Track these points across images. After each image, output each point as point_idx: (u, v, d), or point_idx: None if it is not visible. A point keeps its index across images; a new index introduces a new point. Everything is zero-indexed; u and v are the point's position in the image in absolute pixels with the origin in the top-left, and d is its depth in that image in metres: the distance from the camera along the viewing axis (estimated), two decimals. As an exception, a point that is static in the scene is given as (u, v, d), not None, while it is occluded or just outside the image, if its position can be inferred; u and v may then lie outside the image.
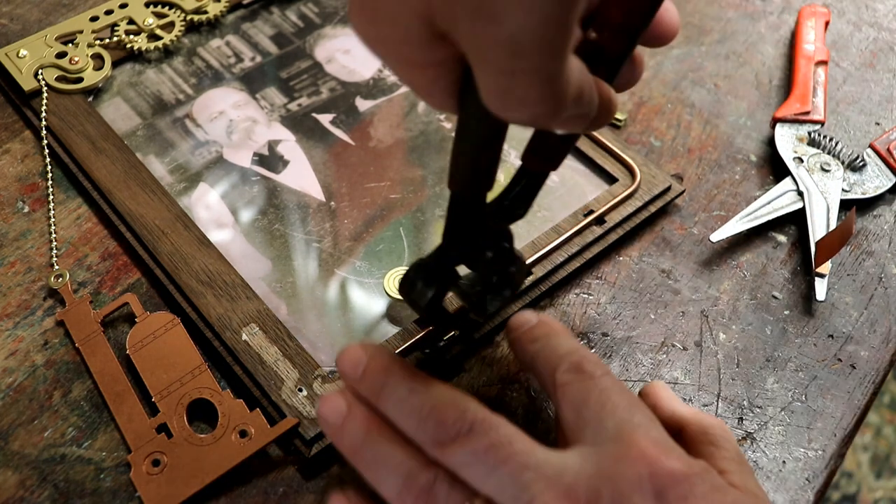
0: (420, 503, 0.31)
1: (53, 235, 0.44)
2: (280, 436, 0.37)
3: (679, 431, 0.35)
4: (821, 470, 0.38)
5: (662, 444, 0.31)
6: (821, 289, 0.43)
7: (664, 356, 0.41)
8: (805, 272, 0.45)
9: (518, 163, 0.33)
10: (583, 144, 0.48)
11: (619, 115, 0.50)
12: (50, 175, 0.46)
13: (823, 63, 0.53)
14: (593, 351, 0.41)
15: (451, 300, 0.41)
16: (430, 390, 0.32)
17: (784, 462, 0.39)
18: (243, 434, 0.37)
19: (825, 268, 0.44)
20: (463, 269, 0.36)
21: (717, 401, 0.40)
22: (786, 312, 0.43)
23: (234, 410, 0.37)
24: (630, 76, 0.33)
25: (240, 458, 0.36)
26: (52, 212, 0.45)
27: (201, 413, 0.38)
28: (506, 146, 0.32)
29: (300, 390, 0.38)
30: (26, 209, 0.45)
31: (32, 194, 0.46)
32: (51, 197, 0.46)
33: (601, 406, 0.32)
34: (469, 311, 0.39)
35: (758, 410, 0.40)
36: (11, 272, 0.43)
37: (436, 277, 0.35)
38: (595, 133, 0.48)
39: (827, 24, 0.56)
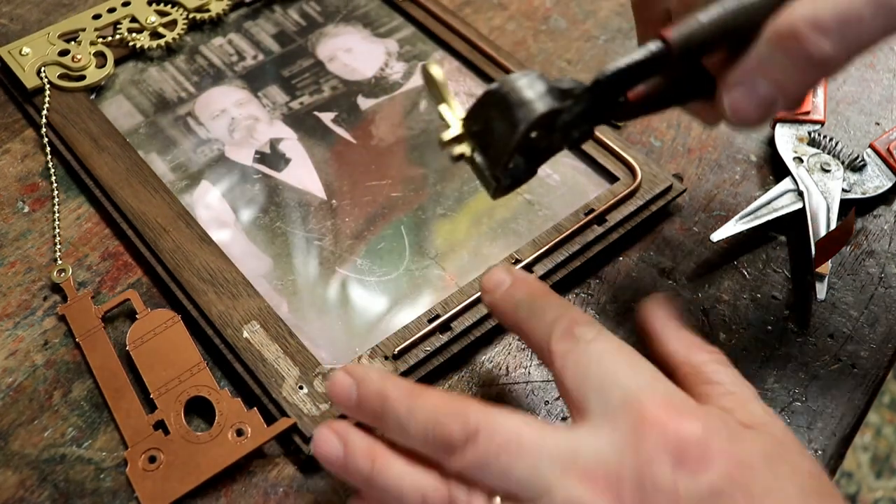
0: None
1: (57, 230, 0.44)
2: (279, 434, 0.37)
3: (671, 373, 0.34)
4: (821, 470, 0.38)
5: (670, 403, 0.31)
6: (821, 289, 0.43)
7: (664, 356, 0.41)
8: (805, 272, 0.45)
9: None
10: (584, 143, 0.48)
11: (619, 115, 0.50)
12: (52, 172, 0.47)
13: (824, 63, 0.53)
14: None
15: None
16: (428, 404, 0.32)
17: (784, 462, 0.39)
18: (240, 433, 0.37)
19: (825, 268, 0.44)
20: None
21: (718, 400, 0.40)
22: (786, 312, 0.43)
23: (231, 409, 0.37)
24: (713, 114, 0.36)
25: (236, 457, 0.36)
26: (57, 208, 0.45)
27: (199, 411, 0.38)
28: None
29: (301, 388, 0.38)
30: (26, 209, 0.45)
31: (32, 194, 0.46)
32: (55, 193, 0.46)
33: (603, 374, 0.31)
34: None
35: (758, 410, 0.40)
36: (11, 272, 0.43)
37: (552, 95, 0.30)
38: (596, 132, 0.48)
39: (828, 23, 0.56)
